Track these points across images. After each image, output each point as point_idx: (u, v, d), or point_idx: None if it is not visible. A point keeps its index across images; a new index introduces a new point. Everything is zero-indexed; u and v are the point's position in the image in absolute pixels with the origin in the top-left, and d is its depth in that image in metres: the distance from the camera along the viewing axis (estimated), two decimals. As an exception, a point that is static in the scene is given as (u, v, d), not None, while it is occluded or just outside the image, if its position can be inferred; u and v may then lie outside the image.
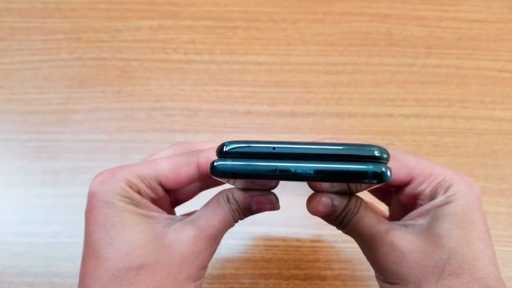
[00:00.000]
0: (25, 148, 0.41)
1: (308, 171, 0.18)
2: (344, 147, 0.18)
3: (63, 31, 0.47)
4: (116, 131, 0.42)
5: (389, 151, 0.21)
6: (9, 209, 0.38)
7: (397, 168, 0.22)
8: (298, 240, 0.38)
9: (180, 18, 0.48)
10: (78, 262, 0.36)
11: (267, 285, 0.36)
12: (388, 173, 0.17)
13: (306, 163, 0.18)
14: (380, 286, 0.23)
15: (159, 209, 0.23)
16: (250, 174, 0.18)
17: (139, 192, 0.22)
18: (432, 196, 0.22)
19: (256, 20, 0.48)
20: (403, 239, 0.22)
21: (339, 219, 0.23)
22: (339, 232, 0.38)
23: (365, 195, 0.25)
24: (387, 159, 0.18)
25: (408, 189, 0.23)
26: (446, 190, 0.22)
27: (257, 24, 0.48)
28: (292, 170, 0.18)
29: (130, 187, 0.22)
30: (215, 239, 0.23)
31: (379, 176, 0.17)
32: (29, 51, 0.46)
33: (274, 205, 0.24)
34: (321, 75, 0.45)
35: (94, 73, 0.45)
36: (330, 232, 0.38)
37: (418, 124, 0.43)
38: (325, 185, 0.21)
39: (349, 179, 0.18)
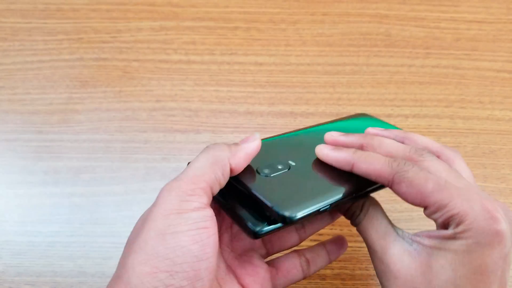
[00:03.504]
0: (27, 148, 0.41)
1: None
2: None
3: (64, 32, 0.47)
4: (117, 131, 0.42)
5: (411, 172, 0.22)
6: (11, 209, 0.38)
7: (413, 194, 0.21)
8: (298, 239, 0.38)
9: (180, 19, 0.48)
10: (80, 261, 0.36)
11: (267, 284, 0.36)
12: None
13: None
14: None
15: None
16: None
17: None
18: (445, 226, 0.21)
19: (256, 21, 0.48)
20: (399, 262, 0.22)
21: (349, 213, 0.24)
22: (339, 231, 0.38)
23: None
24: None
25: (424, 211, 0.22)
26: (457, 225, 0.20)
27: (257, 25, 0.48)
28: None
29: None
30: None
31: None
32: (30, 52, 0.46)
33: None
34: (320, 75, 0.46)
35: (95, 73, 0.45)
36: (330, 232, 0.38)
37: (417, 124, 0.43)
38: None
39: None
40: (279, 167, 0.25)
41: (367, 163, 0.23)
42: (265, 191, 0.23)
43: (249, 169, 0.25)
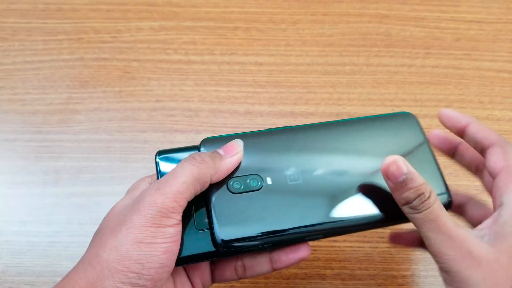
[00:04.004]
0: (27, 148, 0.41)
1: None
2: None
3: (64, 32, 0.47)
4: (117, 131, 0.42)
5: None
6: (11, 209, 0.38)
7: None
8: (298, 239, 0.38)
9: (180, 19, 0.48)
10: (79, 261, 0.36)
11: (267, 284, 0.36)
12: None
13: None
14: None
15: None
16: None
17: None
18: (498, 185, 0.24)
19: (256, 21, 0.48)
20: (480, 249, 0.22)
21: (412, 197, 0.23)
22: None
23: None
24: None
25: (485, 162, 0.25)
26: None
27: (257, 25, 0.48)
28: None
29: None
30: None
31: None
32: (30, 52, 0.46)
33: None
34: (320, 75, 0.46)
35: (95, 73, 0.45)
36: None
37: (417, 124, 0.43)
38: None
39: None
40: (252, 183, 0.25)
41: (481, 125, 0.26)
42: (220, 209, 0.24)
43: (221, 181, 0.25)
